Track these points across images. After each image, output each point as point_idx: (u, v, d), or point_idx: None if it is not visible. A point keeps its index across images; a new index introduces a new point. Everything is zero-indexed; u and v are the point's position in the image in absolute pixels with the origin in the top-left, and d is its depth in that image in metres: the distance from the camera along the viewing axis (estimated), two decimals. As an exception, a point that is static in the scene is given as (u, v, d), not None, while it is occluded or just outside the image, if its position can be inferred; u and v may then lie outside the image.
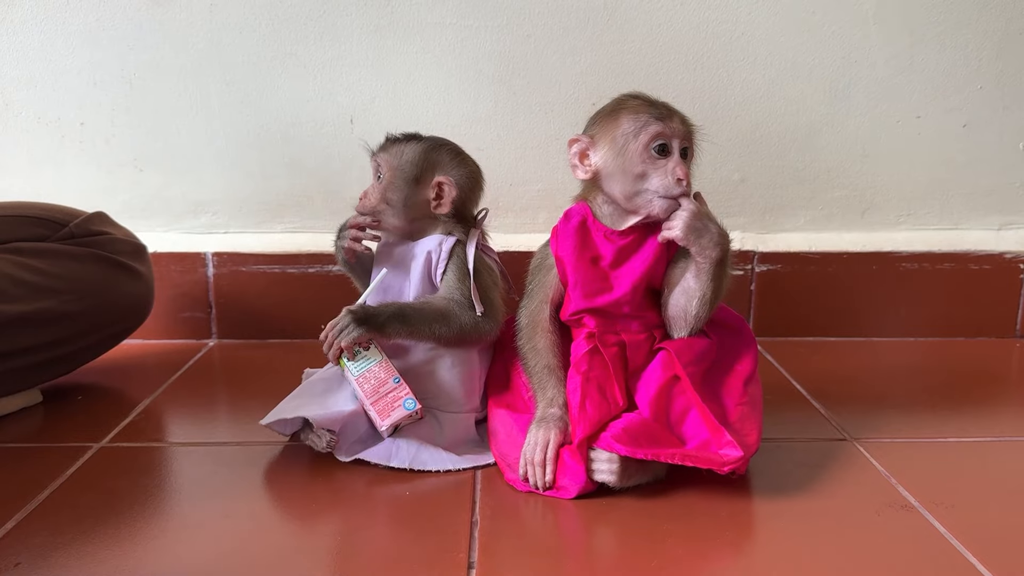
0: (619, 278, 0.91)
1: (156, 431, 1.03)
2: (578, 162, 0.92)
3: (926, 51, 1.35)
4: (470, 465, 0.93)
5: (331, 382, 0.98)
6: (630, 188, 0.89)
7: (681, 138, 0.89)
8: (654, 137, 0.88)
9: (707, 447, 0.86)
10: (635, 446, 0.84)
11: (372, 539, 0.79)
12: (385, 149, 1.00)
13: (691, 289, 0.90)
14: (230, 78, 1.33)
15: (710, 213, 0.90)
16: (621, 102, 0.92)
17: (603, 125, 0.91)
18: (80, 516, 0.82)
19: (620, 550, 0.78)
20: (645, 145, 0.88)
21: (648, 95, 0.92)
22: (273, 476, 0.91)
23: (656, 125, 0.88)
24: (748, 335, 0.96)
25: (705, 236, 0.88)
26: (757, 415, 0.90)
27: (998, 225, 1.42)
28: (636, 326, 0.92)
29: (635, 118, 0.89)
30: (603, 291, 0.91)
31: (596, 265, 0.92)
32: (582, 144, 0.92)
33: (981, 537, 0.79)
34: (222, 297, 1.37)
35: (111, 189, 1.37)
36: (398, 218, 0.99)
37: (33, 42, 1.32)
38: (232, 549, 0.77)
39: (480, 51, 1.33)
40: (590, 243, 0.92)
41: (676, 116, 0.90)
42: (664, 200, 0.88)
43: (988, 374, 1.25)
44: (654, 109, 0.89)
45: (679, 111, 0.91)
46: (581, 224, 0.92)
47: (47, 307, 1.04)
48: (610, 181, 0.90)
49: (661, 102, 0.91)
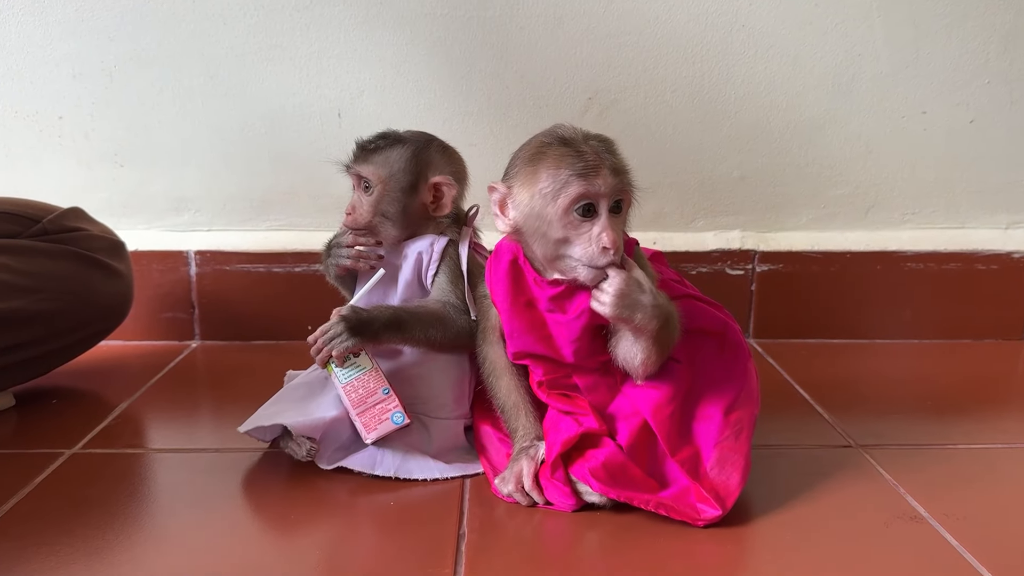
0: (556, 329, 0.83)
1: (132, 437, 1.00)
2: (498, 211, 0.82)
3: (932, 45, 1.32)
4: (458, 474, 0.89)
5: (313, 386, 0.95)
6: (551, 252, 0.80)
7: (611, 195, 0.77)
8: (575, 200, 0.76)
9: (686, 495, 0.80)
10: (611, 485, 0.79)
11: (354, 552, 0.76)
12: (366, 159, 0.94)
13: (632, 352, 0.81)
14: (214, 71, 1.30)
15: (642, 280, 0.78)
16: (542, 147, 0.79)
17: (521, 176, 0.80)
18: (47, 526, 0.79)
19: (611, 563, 0.74)
20: (565, 209, 0.77)
21: (575, 135, 0.79)
22: (252, 484, 0.88)
23: (577, 185, 0.76)
24: (733, 339, 0.87)
25: (639, 311, 0.77)
26: (742, 446, 0.82)
27: (1006, 224, 1.39)
28: (589, 367, 0.84)
29: (554, 175, 0.77)
30: (542, 340, 0.83)
31: (532, 308, 0.83)
32: (498, 194, 0.81)
33: (996, 551, 0.75)
34: (205, 297, 1.34)
35: (90, 185, 1.33)
36: (397, 228, 0.95)
37: (10, 33, 1.28)
38: (207, 562, 0.74)
39: (472, 43, 1.30)
40: (523, 285, 0.84)
41: (603, 169, 0.77)
42: (589, 269, 0.78)
43: (996, 378, 1.22)
44: (578, 161, 0.77)
45: (611, 157, 0.78)
46: (512, 263, 0.84)
47: (18, 306, 1.00)
48: (531, 239, 0.81)
49: (590, 146, 0.78)
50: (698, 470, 0.81)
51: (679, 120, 1.33)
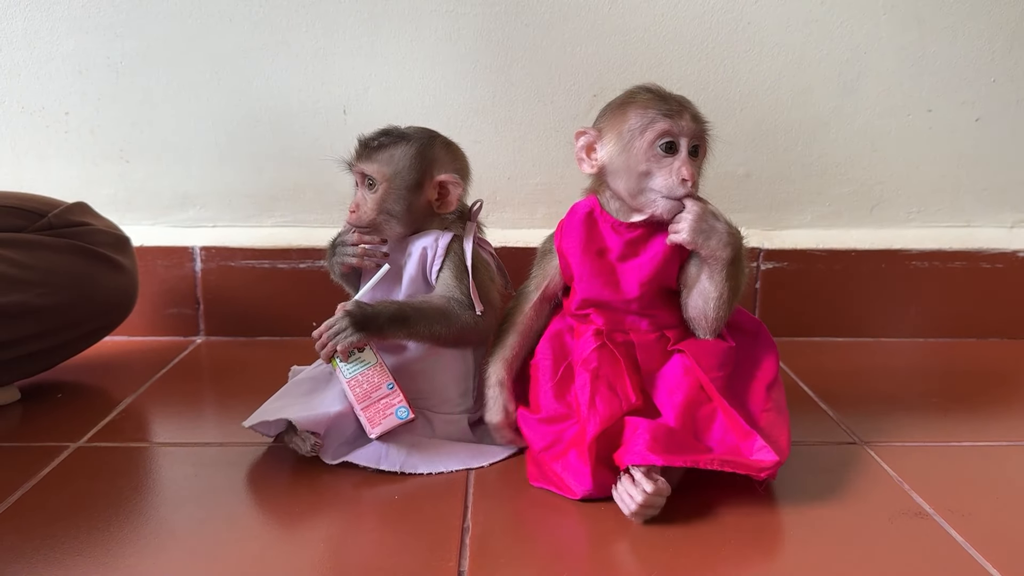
0: (626, 274, 0.88)
1: (136, 431, 1.00)
2: (584, 155, 0.89)
3: (937, 42, 1.31)
4: (462, 467, 0.89)
5: (318, 381, 0.94)
6: (634, 186, 0.86)
7: (691, 136, 0.85)
8: (660, 135, 0.84)
9: (738, 452, 0.82)
10: (669, 453, 0.80)
11: (358, 545, 0.76)
12: (370, 157, 0.93)
13: (707, 291, 0.86)
14: (219, 67, 1.30)
15: (717, 212, 0.86)
16: (631, 95, 0.88)
17: (610, 119, 0.88)
18: (51, 519, 0.79)
19: (617, 558, 0.74)
20: (651, 142, 0.84)
21: (661, 88, 0.88)
22: (256, 478, 0.88)
23: (663, 122, 0.84)
24: (766, 339, 0.93)
25: (714, 237, 0.84)
26: (784, 420, 0.87)
27: (1011, 222, 1.39)
28: (646, 325, 0.89)
29: (643, 113, 0.85)
30: (609, 285, 0.88)
31: (603, 258, 0.88)
32: (589, 137, 0.89)
33: (1001, 547, 0.75)
34: (210, 293, 1.33)
35: (96, 181, 1.33)
36: (401, 226, 0.94)
37: (17, 29, 1.29)
38: (211, 554, 0.74)
39: (477, 40, 1.29)
40: (596, 235, 0.89)
41: (687, 113, 0.85)
42: (668, 201, 0.85)
43: (1001, 376, 1.22)
44: (663, 104, 0.85)
45: (691, 107, 0.87)
46: (588, 215, 0.89)
47: (23, 300, 1.00)
48: (615, 178, 0.87)
49: (674, 97, 0.87)
50: (756, 423, 0.85)
51: (684, 117, 1.32)
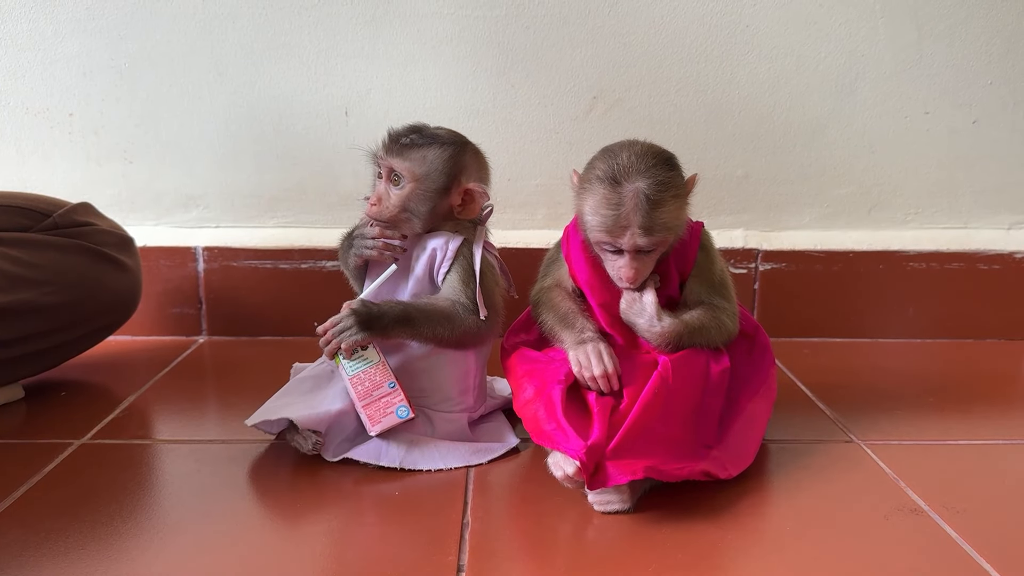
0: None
1: (140, 428, 1.01)
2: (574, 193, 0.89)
3: (935, 46, 1.32)
4: (462, 464, 0.90)
5: (320, 379, 0.95)
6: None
7: (634, 249, 0.83)
8: (604, 241, 0.84)
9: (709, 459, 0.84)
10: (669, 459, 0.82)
11: (358, 540, 0.77)
12: (402, 154, 0.91)
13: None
14: (222, 68, 1.31)
15: (647, 306, 0.85)
16: (592, 180, 0.84)
17: (580, 187, 0.86)
18: (55, 514, 0.80)
19: (615, 554, 0.75)
20: (596, 242, 0.85)
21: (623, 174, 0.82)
22: (258, 474, 0.88)
23: (606, 235, 0.83)
24: (763, 341, 0.94)
25: (639, 323, 0.86)
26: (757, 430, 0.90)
27: (1008, 224, 1.39)
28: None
29: (593, 210, 0.83)
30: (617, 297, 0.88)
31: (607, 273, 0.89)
32: (574, 185, 0.88)
33: (994, 542, 0.76)
34: (213, 293, 1.34)
35: (100, 181, 1.34)
36: (421, 226, 0.94)
37: (21, 30, 1.30)
38: (213, 549, 0.74)
39: (478, 42, 1.30)
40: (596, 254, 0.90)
41: (633, 228, 0.81)
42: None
43: (997, 376, 1.22)
44: (610, 214, 0.81)
45: (646, 212, 0.81)
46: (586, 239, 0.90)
47: (27, 299, 1.01)
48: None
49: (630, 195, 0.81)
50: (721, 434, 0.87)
51: (683, 119, 1.33)
